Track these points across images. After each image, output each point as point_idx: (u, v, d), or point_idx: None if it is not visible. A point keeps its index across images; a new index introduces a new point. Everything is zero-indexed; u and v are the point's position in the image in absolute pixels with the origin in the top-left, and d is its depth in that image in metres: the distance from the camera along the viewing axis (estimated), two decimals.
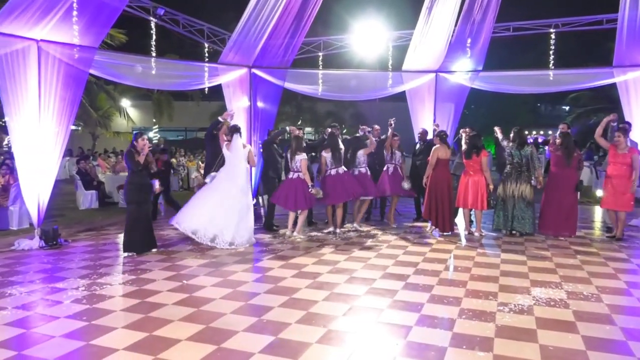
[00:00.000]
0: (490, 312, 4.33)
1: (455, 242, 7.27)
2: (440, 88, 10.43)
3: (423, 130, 9.15)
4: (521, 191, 7.55)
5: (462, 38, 9.92)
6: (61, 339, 3.74)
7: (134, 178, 6.29)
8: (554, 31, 10.07)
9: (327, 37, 11.39)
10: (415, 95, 10.64)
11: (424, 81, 10.48)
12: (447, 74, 10.43)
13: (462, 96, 10.59)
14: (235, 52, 9.83)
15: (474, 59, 10.15)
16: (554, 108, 33.31)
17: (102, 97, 21.83)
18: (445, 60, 10.19)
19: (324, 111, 24.51)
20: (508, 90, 11.06)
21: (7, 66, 6.38)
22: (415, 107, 10.67)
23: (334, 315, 4.26)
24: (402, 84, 10.56)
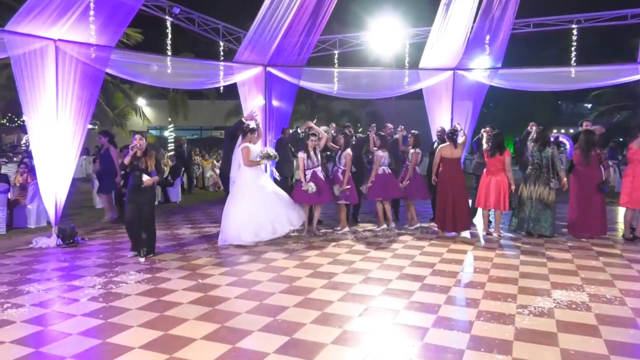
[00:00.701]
0: (509, 314, 4.28)
1: (472, 243, 7.20)
2: (458, 86, 10.34)
3: (441, 129, 9.06)
4: (539, 193, 7.40)
5: (480, 35, 9.81)
6: (78, 337, 3.80)
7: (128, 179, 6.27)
8: (576, 27, 9.90)
9: (343, 34, 11.38)
10: (433, 94, 10.57)
11: (441, 79, 10.40)
12: (465, 71, 10.33)
13: (481, 94, 10.48)
14: (250, 50, 9.88)
15: (493, 56, 10.03)
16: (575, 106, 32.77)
17: (118, 96, 22.10)
18: (463, 57, 10.10)
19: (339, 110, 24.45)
20: (528, 87, 10.92)
21: (25, 66, 6.50)
22: (432, 106, 10.59)
23: (349, 316, 4.25)
24: (419, 82, 10.49)
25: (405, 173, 8.17)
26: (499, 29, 9.75)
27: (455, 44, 9.89)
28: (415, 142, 8.22)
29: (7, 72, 15.05)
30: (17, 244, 7.02)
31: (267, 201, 7.05)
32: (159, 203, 11.46)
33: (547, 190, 7.38)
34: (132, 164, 6.14)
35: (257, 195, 7.02)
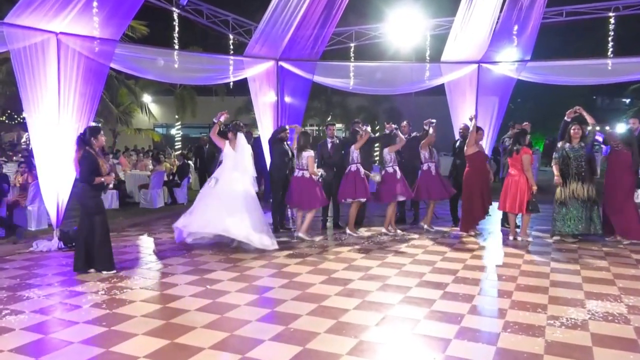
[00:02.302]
0: (539, 326, 4.21)
1: (499, 248, 7.12)
2: (483, 80, 10.25)
3: (464, 126, 8.99)
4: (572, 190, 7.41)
5: (508, 25, 9.71)
6: (80, 345, 3.84)
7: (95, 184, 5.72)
8: (614, 15, 9.74)
9: (360, 26, 11.35)
10: (456, 88, 10.49)
11: (465, 73, 10.32)
12: (491, 64, 10.24)
13: (508, 89, 10.38)
14: (261, 44, 9.92)
15: (521, 47, 9.92)
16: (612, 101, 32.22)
17: (122, 93, 22.38)
18: (489, 49, 10.00)
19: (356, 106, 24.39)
20: (560, 81, 10.76)
21: (25, 60, 6.60)
22: (455, 101, 10.52)
23: (365, 325, 4.23)
24: (441, 76, 10.43)
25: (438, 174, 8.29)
26: (528, 19, 9.63)
27: (480, 35, 9.80)
28: None
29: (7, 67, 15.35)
30: (16, 247, 7.13)
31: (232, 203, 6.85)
32: (166, 204, 11.58)
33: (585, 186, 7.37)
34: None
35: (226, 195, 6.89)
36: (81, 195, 5.77)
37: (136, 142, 24.84)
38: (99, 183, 5.69)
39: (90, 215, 5.73)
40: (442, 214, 9.76)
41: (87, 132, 5.78)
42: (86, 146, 5.67)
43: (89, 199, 5.72)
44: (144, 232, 8.32)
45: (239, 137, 7.16)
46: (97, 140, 5.76)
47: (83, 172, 5.63)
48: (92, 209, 5.73)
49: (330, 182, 8.21)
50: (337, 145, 8.41)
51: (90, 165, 5.61)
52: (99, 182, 5.69)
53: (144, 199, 11.31)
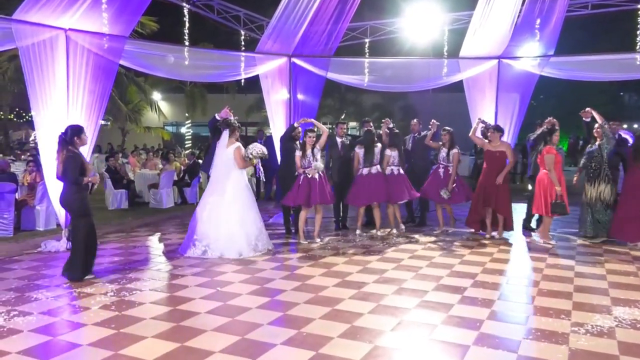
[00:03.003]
0: (563, 333, 4.16)
1: (520, 252, 7.05)
2: (504, 76, 10.15)
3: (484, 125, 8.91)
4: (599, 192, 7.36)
5: (530, 18, 9.60)
6: (88, 348, 3.88)
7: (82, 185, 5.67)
8: None
9: (375, 21, 11.32)
10: (475, 85, 10.41)
11: (484, 69, 10.24)
12: (512, 60, 10.13)
13: (529, 85, 10.26)
14: (274, 40, 9.94)
15: (544, 42, 9.80)
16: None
17: (132, 90, 22.62)
18: (510, 44, 9.90)
19: (371, 104, 24.40)
20: (585, 77, 10.62)
21: (34, 57, 6.69)
22: (474, 98, 10.43)
23: (381, 330, 4.22)
24: (460, 73, 10.36)
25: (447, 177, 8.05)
26: (552, 12, 9.51)
27: (500, 29, 9.71)
28: (451, 140, 8.15)
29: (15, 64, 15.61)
30: (25, 247, 7.24)
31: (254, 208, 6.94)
32: (176, 204, 11.67)
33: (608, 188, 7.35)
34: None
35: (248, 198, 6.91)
36: (68, 198, 5.62)
37: (145, 141, 25.09)
38: (86, 183, 5.62)
39: (76, 218, 5.64)
40: (461, 215, 9.69)
41: (69, 132, 5.60)
42: (69, 146, 5.54)
43: (78, 201, 5.60)
44: (154, 233, 8.39)
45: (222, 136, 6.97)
46: (81, 139, 5.64)
47: (70, 173, 5.47)
48: (79, 211, 5.62)
49: (341, 183, 8.20)
50: (347, 145, 8.39)
51: (77, 166, 5.49)
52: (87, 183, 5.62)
53: (154, 199, 11.41)
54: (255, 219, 6.92)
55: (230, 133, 6.92)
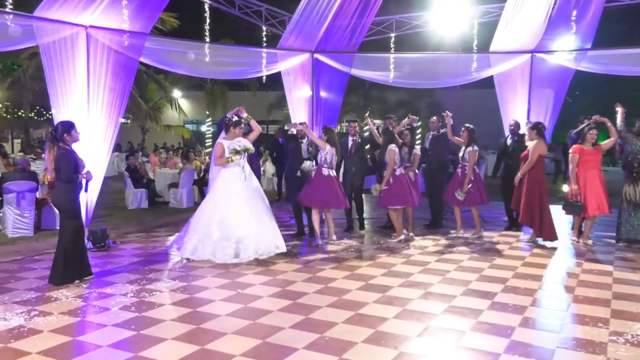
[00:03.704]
0: (600, 342, 4.07)
1: (554, 256, 6.92)
2: (537, 71, 9.99)
3: (515, 123, 8.79)
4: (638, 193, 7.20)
5: (565, 10, 9.41)
6: (108, 349, 3.95)
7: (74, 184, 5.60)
8: None
9: (401, 15, 11.25)
10: (506, 81, 10.27)
11: (516, 63, 10.09)
12: (546, 54, 9.97)
13: (565, 80, 10.07)
14: (296, 35, 9.97)
15: (581, 35, 9.60)
16: None
17: (152, 88, 22.95)
18: (544, 38, 9.74)
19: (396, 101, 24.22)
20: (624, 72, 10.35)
21: (55, 54, 6.84)
22: (505, 95, 10.30)
23: (406, 336, 4.19)
24: (490, 68, 10.23)
25: (463, 176, 7.89)
26: (589, 3, 9.31)
27: (534, 22, 9.55)
28: (470, 137, 7.97)
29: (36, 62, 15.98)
30: (45, 246, 7.39)
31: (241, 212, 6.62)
32: (195, 204, 11.78)
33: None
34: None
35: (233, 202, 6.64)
36: (60, 197, 5.59)
37: (165, 139, 25.42)
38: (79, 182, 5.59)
39: (65, 219, 5.59)
40: (490, 217, 9.58)
41: (59, 128, 5.54)
42: (60, 143, 5.48)
43: (68, 202, 5.55)
44: (174, 233, 8.49)
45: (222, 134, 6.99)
46: (71, 136, 5.57)
47: (64, 172, 5.43)
48: (70, 212, 5.57)
49: (352, 182, 8.16)
50: (358, 144, 8.35)
51: (70, 163, 5.44)
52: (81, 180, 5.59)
53: (174, 198, 11.56)
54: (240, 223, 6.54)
55: (226, 130, 6.86)
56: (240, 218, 6.56)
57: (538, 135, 7.42)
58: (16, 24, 6.38)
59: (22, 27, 6.47)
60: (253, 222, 6.60)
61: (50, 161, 5.51)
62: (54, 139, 5.52)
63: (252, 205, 6.72)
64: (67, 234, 5.56)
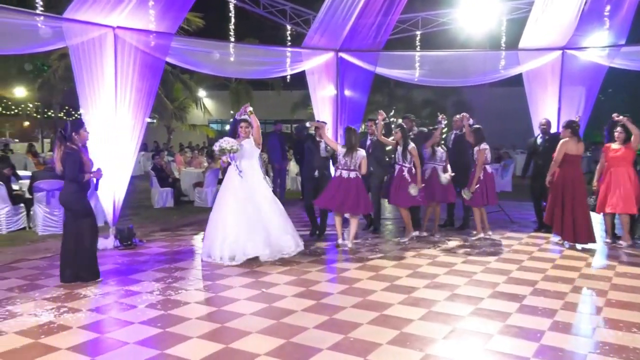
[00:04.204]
0: (634, 348, 3.98)
1: (585, 258, 6.78)
2: (568, 68, 9.80)
3: (545, 121, 8.64)
4: None
5: (598, 5, 9.20)
6: (135, 346, 4.03)
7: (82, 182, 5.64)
8: None
9: (427, 12, 11.15)
10: (535, 78, 10.10)
11: (546, 60, 9.92)
12: (578, 50, 9.76)
13: (597, 78, 9.85)
14: (321, 34, 9.99)
15: (614, 30, 9.37)
16: None
17: (177, 88, 23.26)
18: (575, 34, 9.54)
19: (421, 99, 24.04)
20: None
21: (83, 55, 6.98)
22: (535, 93, 10.12)
23: (432, 338, 4.17)
24: (519, 65, 10.08)
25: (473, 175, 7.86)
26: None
27: (565, 18, 9.36)
28: (477, 137, 7.88)
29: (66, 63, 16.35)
30: None
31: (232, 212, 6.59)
32: None
33: None
34: None
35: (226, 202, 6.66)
36: (67, 196, 5.59)
37: (191, 139, 25.74)
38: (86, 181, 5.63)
39: (77, 218, 5.59)
40: (519, 218, 9.44)
41: (68, 127, 5.58)
42: (67, 142, 5.51)
43: (77, 201, 5.58)
44: (198, 232, 8.59)
45: None
46: (79, 135, 5.61)
47: (69, 171, 5.46)
48: (80, 211, 5.60)
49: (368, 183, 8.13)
50: (377, 143, 8.28)
51: (75, 163, 5.47)
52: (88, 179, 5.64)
53: (199, 198, 11.69)
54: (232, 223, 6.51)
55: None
56: (232, 218, 6.54)
57: (572, 134, 7.28)
58: (46, 26, 6.53)
59: (52, 28, 6.62)
60: (243, 223, 6.52)
61: (57, 160, 5.57)
62: (62, 138, 5.55)
63: (246, 205, 6.60)
64: (87, 234, 5.59)
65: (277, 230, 6.73)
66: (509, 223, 9.25)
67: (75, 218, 5.62)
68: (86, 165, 5.62)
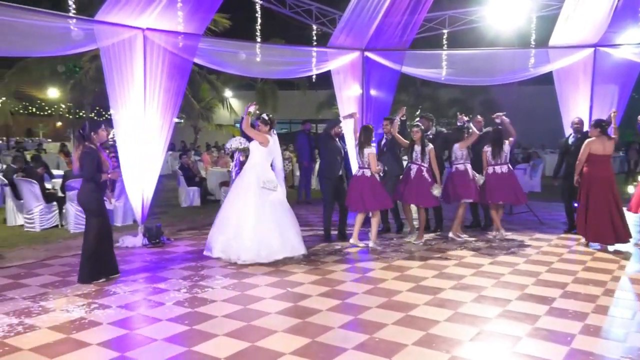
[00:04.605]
0: None
1: (618, 260, 6.62)
2: (600, 66, 9.56)
3: (578, 120, 8.46)
4: None
5: (632, 1, 8.96)
6: (163, 343, 4.10)
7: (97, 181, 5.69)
8: None
9: (454, 10, 11.03)
10: (566, 76, 9.90)
11: (578, 58, 9.70)
12: (611, 47, 9.52)
13: (631, 76, 9.60)
14: (346, 33, 9.98)
15: None
16: None
17: (204, 88, 23.51)
18: (608, 31, 9.31)
19: (448, 98, 23.81)
20: None
21: (114, 57, 7.13)
22: (566, 91, 9.92)
23: (458, 340, 4.13)
24: (549, 63, 9.88)
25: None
26: None
27: (597, 14, 9.14)
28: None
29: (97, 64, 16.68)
30: None
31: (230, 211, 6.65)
32: None
33: None
34: None
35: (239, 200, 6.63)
36: (85, 195, 5.66)
37: (217, 139, 25.97)
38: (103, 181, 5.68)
39: (94, 217, 5.67)
40: (548, 219, 9.27)
41: (87, 126, 5.66)
42: (86, 141, 5.60)
43: (93, 200, 5.64)
44: None
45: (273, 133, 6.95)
46: (98, 134, 5.68)
47: (86, 170, 5.55)
48: (96, 210, 5.66)
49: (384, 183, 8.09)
50: (391, 142, 8.19)
51: (92, 162, 5.53)
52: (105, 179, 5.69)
53: (225, 197, 11.77)
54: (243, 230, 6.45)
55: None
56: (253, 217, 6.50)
57: (600, 134, 7.14)
58: (79, 28, 6.68)
59: (84, 30, 6.76)
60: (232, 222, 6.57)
61: (75, 159, 5.67)
62: (81, 137, 5.65)
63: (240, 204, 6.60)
64: (93, 233, 5.63)
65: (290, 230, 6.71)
66: (537, 224, 9.09)
67: (88, 217, 5.72)
68: (103, 165, 5.70)
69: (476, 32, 12.66)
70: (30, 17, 6.37)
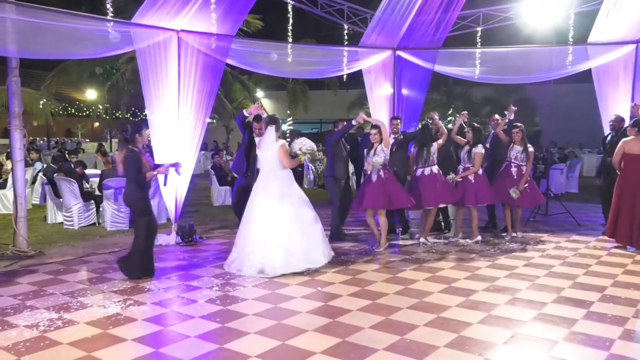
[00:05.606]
0: None
1: None
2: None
3: (618, 118, 8.21)
4: None
5: None
6: (195, 340, 4.16)
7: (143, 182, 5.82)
8: None
9: (488, 8, 10.85)
10: (606, 74, 9.61)
11: (618, 55, 9.42)
12: None
13: None
14: (378, 32, 9.94)
15: None
16: None
17: (236, 88, 23.77)
18: None
19: (481, 97, 23.42)
20: None
21: (149, 58, 7.28)
22: (605, 89, 9.64)
23: (492, 342, 4.07)
24: (588, 61, 9.63)
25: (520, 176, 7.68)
26: None
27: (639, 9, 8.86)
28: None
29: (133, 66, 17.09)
30: None
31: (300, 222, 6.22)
32: None
33: None
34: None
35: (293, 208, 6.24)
36: (130, 196, 5.78)
37: None
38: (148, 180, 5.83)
39: (142, 216, 5.81)
40: (586, 220, 9.04)
41: (129, 129, 5.79)
42: (129, 144, 5.70)
43: (139, 200, 5.78)
44: None
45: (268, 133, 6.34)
46: (142, 136, 5.79)
47: (130, 172, 5.67)
48: (142, 209, 5.81)
49: None
50: (400, 142, 8.08)
51: (134, 164, 5.64)
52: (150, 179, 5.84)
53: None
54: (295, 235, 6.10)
55: (277, 128, 6.34)
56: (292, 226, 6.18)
57: (638, 133, 6.95)
58: (116, 31, 6.85)
59: (122, 33, 6.93)
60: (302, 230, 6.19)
61: (119, 162, 5.81)
62: (124, 140, 5.77)
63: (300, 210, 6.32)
64: (142, 231, 5.78)
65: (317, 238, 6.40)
66: (575, 226, 8.88)
67: (136, 216, 5.93)
68: (145, 167, 5.81)
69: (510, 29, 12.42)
70: (71, 20, 6.57)
